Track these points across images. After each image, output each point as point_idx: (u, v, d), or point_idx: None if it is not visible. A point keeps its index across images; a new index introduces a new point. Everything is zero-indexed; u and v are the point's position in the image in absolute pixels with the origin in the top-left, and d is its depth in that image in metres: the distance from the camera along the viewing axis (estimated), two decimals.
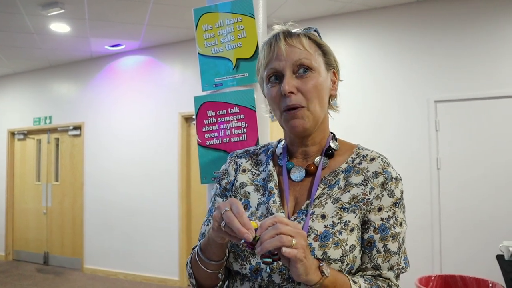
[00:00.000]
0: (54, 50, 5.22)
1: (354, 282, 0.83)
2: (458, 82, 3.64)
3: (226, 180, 1.04)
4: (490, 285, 2.20)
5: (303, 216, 0.89)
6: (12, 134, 6.38)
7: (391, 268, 0.89)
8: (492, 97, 3.52)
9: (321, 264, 0.78)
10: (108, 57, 5.53)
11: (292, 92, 0.88)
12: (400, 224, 0.90)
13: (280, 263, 0.84)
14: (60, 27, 4.35)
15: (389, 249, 0.88)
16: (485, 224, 3.47)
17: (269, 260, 0.75)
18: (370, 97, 3.96)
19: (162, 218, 4.98)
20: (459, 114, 3.63)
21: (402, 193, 0.92)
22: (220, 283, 0.95)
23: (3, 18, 4.03)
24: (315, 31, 0.97)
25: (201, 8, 1.51)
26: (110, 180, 5.38)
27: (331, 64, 0.97)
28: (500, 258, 2.42)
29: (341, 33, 4.15)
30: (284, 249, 0.71)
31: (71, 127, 5.77)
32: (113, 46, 5.14)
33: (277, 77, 0.92)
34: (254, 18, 1.43)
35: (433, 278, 2.38)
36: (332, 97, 0.98)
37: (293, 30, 0.94)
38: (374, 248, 0.88)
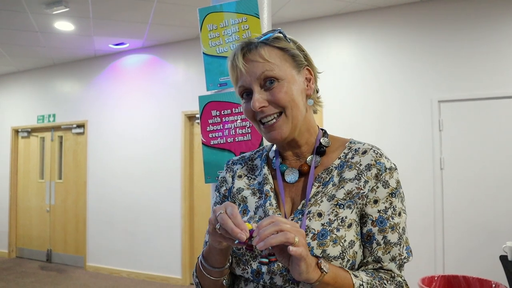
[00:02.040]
0: (58, 49, 5.23)
1: (355, 276, 0.82)
2: (462, 82, 3.63)
3: (224, 188, 1.05)
4: (493, 285, 2.19)
5: (300, 216, 0.89)
6: (16, 131, 6.40)
7: (393, 259, 0.88)
8: (495, 97, 3.51)
9: (319, 261, 0.78)
10: (111, 55, 5.54)
11: (263, 107, 0.89)
12: (399, 214, 0.89)
13: (281, 264, 0.84)
14: (64, 26, 4.36)
15: (389, 240, 0.87)
16: (488, 225, 3.46)
17: (266, 260, 0.75)
18: (373, 97, 3.95)
19: (165, 217, 4.99)
20: (462, 114, 3.63)
21: (398, 182, 0.91)
22: None
23: (8, 16, 4.04)
24: (279, 32, 0.94)
25: (206, 8, 1.51)
26: (113, 178, 5.39)
27: (301, 64, 0.94)
28: (503, 258, 2.42)
29: (344, 32, 4.14)
30: (291, 248, 0.71)
31: (74, 125, 5.79)
32: (116, 44, 5.15)
33: (248, 93, 0.92)
34: (258, 18, 1.43)
35: (436, 278, 2.38)
36: (308, 96, 0.95)
37: (251, 42, 0.92)
38: (374, 241, 0.88)
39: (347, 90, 4.03)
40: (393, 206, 0.89)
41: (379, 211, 0.88)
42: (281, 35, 0.94)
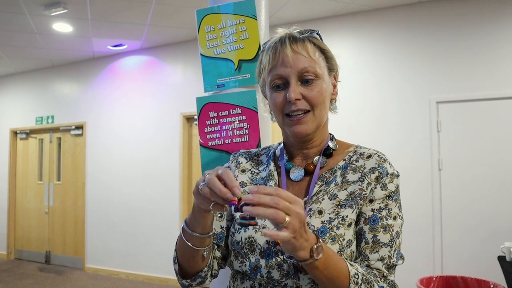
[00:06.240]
0: (57, 50, 5.23)
1: (351, 265, 0.81)
2: (460, 83, 3.64)
3: None
4: (492, 286, 2.20)
5: None
6: (15, 133, 6.39)
7: (381, 259, 0.86)
8: (493, 98, 3.51)
9: (315, 246, 0.73)
10: (110, 57, 5.54)
11: (297, 99, 0.89)
12: (394, 218, 0.89)
13: (279, 259, 0.85)
14: (62, 27, 4.36)
15: (379, 239, 0.87)
16: (486, 225, 3.46)
17: (246, 222, 0.71)
18: (372, 98, 3.96)
19: (163, 218, 4.99)
20: (460, 115, 3.63)
21: (397, 188, 0.91)
22: (206, 269, 0.93)
23: (6, 18, 4.04)
24: (317, 34, 0.96)
25: (204, 9, 1.52)
26: (112, 180, 5.39)
27: (333, 69, 0.98)
28: (501, 259, 2.42)
29: (342, 33, 4.15)
30: (275, 232, 0.67)
31: (73, 127, 5.78)
32: (115, 46, 5.15)
33: (279, 85, 0.92)
34: (256, 20, 1.43)
35: (434, 279, 2.38)
36: (332, 100, 1.00)
37: (298, 35, 0.93)
38: (363, 240, 0.87)
39: (345, 91, 4.03)
40: (389, 208, 0.89)
41: (372, 210, 0.88)
42: (318, 36, 0.96)
